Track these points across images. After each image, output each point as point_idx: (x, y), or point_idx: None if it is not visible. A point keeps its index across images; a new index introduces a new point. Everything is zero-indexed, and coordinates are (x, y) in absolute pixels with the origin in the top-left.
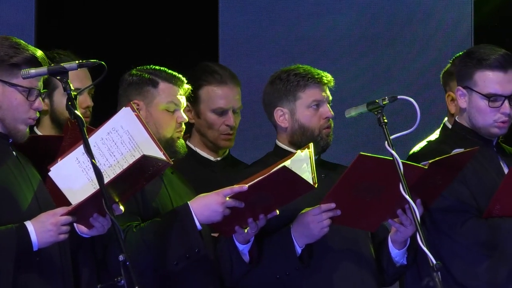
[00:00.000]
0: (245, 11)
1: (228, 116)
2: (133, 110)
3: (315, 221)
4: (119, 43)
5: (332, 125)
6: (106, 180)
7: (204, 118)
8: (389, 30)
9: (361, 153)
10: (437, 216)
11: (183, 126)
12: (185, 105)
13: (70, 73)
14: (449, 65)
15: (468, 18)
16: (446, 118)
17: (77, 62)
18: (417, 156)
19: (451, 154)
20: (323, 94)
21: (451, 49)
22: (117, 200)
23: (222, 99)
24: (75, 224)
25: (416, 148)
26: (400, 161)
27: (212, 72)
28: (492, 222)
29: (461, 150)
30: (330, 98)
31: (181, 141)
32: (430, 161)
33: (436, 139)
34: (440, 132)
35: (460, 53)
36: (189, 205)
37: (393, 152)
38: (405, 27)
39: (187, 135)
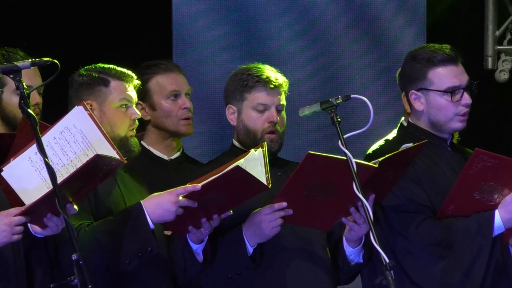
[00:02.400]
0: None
1: (183, 99)
2: (86, 109)
3: (266, 221)
4: (67, 41)
5: (281, 130)
6: (59, 179)
7: (160, 108)
8: (341, 30)
9: (310, 152)
10: (392, 217)
11: (136, 123)
12: (136, 100)
13: None
14: (400, 70)
15: (421, 17)
16: (403, 118)
17: (30, 60)
18: (374, 156)
19: (400, 150)
20: (271, 98)
21: (405, 48)
22: (70, 199)
23: (173, 84)
24: (28, 224)
25: (374, 147)
26: (353, 160)
27: (156, 64)
28: (445, 223)
29: (410, 145)
30: (282, 102)
31: (135, 139)
32: (380, 159)
33: (394, 138)
34: (397, 131)
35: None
36: (142, 204)
37: (346, 151)
38: (357, 26)
39: (142, 133)
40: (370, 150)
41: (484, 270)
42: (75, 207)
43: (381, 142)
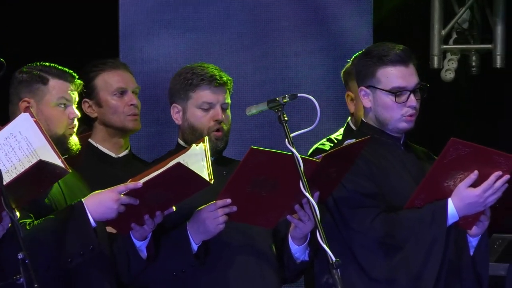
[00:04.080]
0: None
1: (129, 95)
2: (32, 116)
3: (210, 218)
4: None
5: (226, 128)
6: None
7: (107, 105)
8: (290, 29)
9: (253, 147)
10: (347, 213)
11: (76, 122)
12: (77, 100)
13: None
14: (348, 64)
15: (367, 16)
16: (349, 118)
17: None
18: (315, 153)
19: (343, 145)
20: (216, 96)
21: (351, 47)
22: (13, 206)
23: (119, 81)
24: None
25: (317, 145)
26: (299, 157)
27: (103, 62)
28: (400, 215)
29: (352, 140)
30: (226, 101)
31: (74, 138)
32: (323, 154)
33: (337, 135)
34: (344, 131)
35: (360, 52)
36: (83, 202)
37: (293, 149)
38: (305, 26)
39: (89, 132)
40: (312, 148)
41: (440, 259)
42: (17, 213)
43: (323, 140)
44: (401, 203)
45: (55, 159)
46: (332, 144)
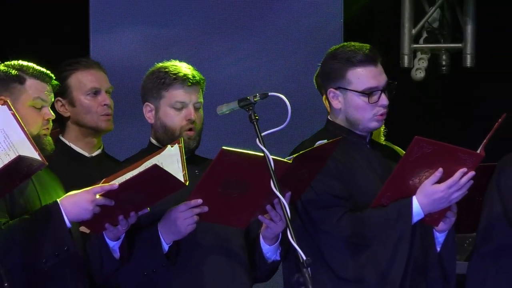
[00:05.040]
0: (114, 3)
1: (103, 95)
2: (10, 109)
3: (181, 218)
4: None
5: (198, 127)
6: None
7: (80, 104)
8: (260, 27)
9: (224, 147)
10: (313, 213)
11: (51, 123)
12: (53, 100)
13: None
14: (319, 69)
15: (338, 15)
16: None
17: None
18: (294, 153)
19: (314, 146)
20: (188, 95)
21: (322, 46)
22: None
23: (93, 81)
24: None
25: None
26: (271, 157)
27: (77, 61)
28: (366, 214)
29: (324, 141)
30: (199, 100)
31: (48, 138)
32: (294, 155)
33: (310, 137)
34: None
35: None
36: (59, 202)
37: (263, 148)
38: (275, 24)
39: (57, 130)
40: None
41: (407, 257)
42: None
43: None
44: (368, 201)
45: (32, 152)
46: None
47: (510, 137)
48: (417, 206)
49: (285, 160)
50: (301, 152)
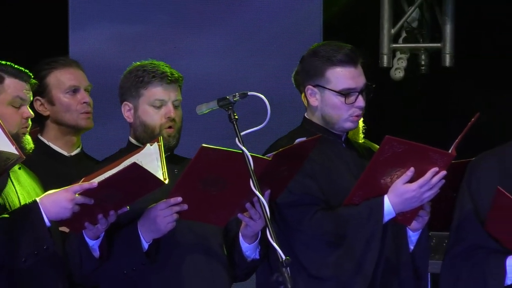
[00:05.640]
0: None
1: (82, 93)
2: None
3: (161, 216)
4: None
5: (178, 125)
6: None
7: (59, 103)
8: (239, 26)
9: (203, 145)
10: (286, 211)
11: (29, 122)
12: (31, 99)
13: None
14: (298, 66)
15: (318, 14)
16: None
17: None
18: (270, 150)
19: (294, 144)
20: (167, 93)
21: (301, 45)
22: None
23: (72, 79)
24: None
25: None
26: (250, 156)
27: (55, 60)
28: (338, 212)
29: (303, 139)
30: (178, 98)
31: (27, 137)
32: (273, 153)
33: (288, 135)
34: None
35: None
36: (38, 201)
37: (243, 148)
38: (255, 23)
39: (37, 128)
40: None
41: (377, 256)
42: None
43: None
44: (342, 200)
45: (9, 147)
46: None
47: (483, 136)
48: (389, 205)
49: (264, 157)
50: (280, 149)
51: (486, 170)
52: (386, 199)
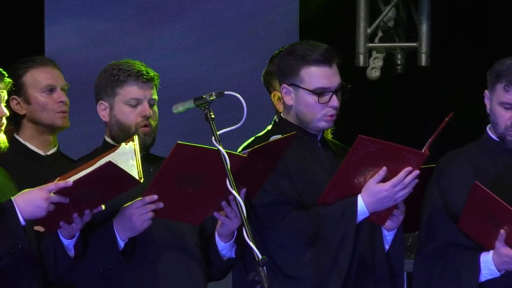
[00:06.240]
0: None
1: (58, 93)
2: None
3: (137, 214)
4: None
5: (154, 124)
6: None
7: (35, 102)
8: (215, 23)
9: (179, 142)
10: (260, 211)
11: (4, 120)
12: (5, 98)
13: None
14: (268, 65)
15: (294, 13)
16: (276, 116)
17: None
18: (244, 149)
19: (269, 141)
20: (143, 92)
21: (277, 45)
22: None
23: (48, 78)
24: None
25: (246, 142)
26: (226, 154)
27: (31, 59)
28: (312, 211)
29: (279, 136)
30: (154, 96)
31: (2, 136)
32: (249, 150)
33: (264, 134)
34: (271, 127)
35: (277, 52)
36: (13, 200)
37: (219, 147)
38: (231, 21)
39: (11, 128)
40: (241, 146)
41: (350, 255)
42: None
43: (251, 138)
44: (316, 200)
45: None
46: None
47: (458, 136)
48: (362, 205)
49: (240, 154)
50: (256, 146)
51: (458, 168)
52: (359, 198)
